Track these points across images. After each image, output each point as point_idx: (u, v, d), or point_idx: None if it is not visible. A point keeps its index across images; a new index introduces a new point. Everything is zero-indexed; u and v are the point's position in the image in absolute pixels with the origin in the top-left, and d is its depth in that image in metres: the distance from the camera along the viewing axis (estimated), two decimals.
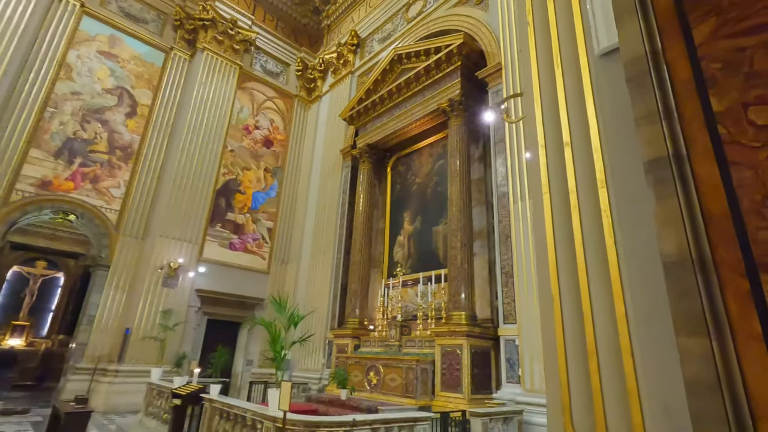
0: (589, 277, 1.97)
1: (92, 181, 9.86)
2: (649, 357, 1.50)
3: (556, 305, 2.06)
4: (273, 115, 13.14)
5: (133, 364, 9.00)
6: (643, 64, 1.18)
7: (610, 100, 1.75)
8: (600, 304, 1.88)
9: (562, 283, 2.07)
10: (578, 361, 1.90)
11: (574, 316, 1.96)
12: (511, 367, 6.30)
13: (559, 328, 2.02)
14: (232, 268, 11.17)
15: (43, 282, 16.39)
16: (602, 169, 1.98)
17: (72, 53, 10.07)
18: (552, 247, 2.14)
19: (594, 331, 1.89)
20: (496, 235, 7.12)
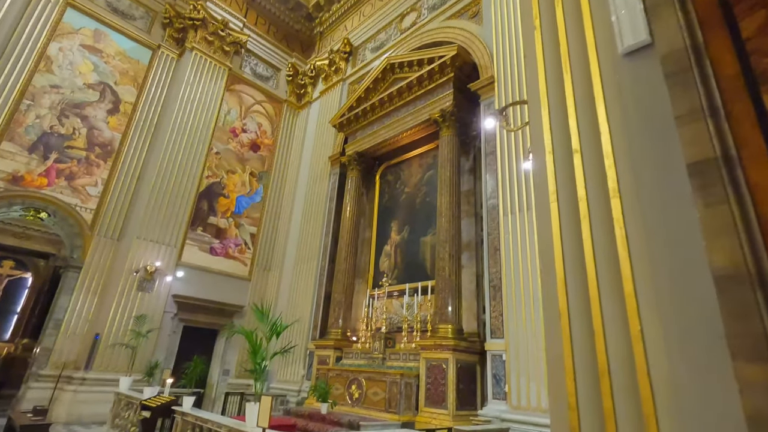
0: (600, 291, 1.85)
1: (68, 178, 9.44)
2: (681, 382, 1.37)
3: (563, 321, 1.93)
4: (261, 119, 12.92)
5: (101, 372, 8.53)
6: (683, 59, 1.08)
7: (636, 101, 1.64)
8: (613, 320, 1.76)
9: (570, 297, 1.95)
10: (589, 381, 1.77)
11: (584, 333, 1.84)
12: (497, 383, 6.15)
13: (567, 346, 1.89)
14: (212, 274, 10.80)
15: (9, 282, 15.57)
16: (614, 177, 1.88)
17: (53, 45, 9.72)
18: (560, 258, 2.02)
19: (606, 350, 1.76)
20: (485, 247, 7.03)
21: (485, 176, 7.45)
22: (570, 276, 1.97)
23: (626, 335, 1.70)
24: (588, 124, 2.09)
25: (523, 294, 6.02)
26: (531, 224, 6.19)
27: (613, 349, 1.74)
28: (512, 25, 7.60)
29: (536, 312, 5.80)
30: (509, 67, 7.33)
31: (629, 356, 1.68)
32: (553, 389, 1.97)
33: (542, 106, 2.41)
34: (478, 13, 8.89)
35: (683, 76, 1.09)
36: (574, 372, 1.85)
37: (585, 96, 2.15)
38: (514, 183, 6.61)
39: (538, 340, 5.64)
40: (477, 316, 7.25)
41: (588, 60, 2.19)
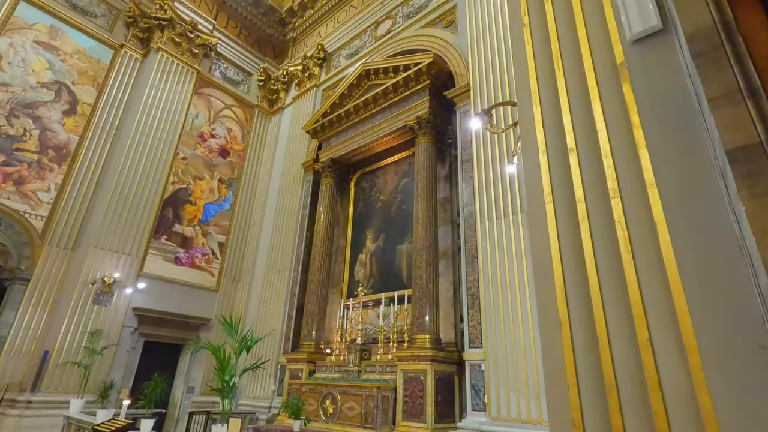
0: (603, 298, 1.73)
1: (16, 183, 8.72)
2: (719, 393, 1.23)
3: (564, 330, 1.79)
4: (231, 123, 12.50)
5: (49, 393, 7.81)
6: (713, 36, 0.98)
7: (651, 88, 1.54)
8: (618, 329, 1.63)
9: (571, 304, 1.82)
10: (595, 395, 1.63)
11: (588, 343, 1.70)
12: (476, 393, 6.02)
13: (569, 357, 1.75)
14: (177, 285, 10.21)
15: None
16: (614, 177, 1.77)
17: (3, 41, 9.04)
18: (558, 263, 1.89)
19: (612, 361, 1.63)
20: (462, 255, 6.95)
21: (461, 184, 7.41)
22: (570, 282, 1.84)
23: (634, 345, 1.57)
24: (583, 123, 1.99)
25: (502, 302, 5.95)
26: (509, 231, 6.16)
27: (620, 360, 1.61)
28: (488, 33, 7.67)
29: (515, 320, 5.72)
30: (485, 74, 7.36)
31: (638, 367, 1.55)
32: (553, 404, 1.81)
33: (534, 104, 2.30)
34: (454, 22, 8.95)
35: (714, 54, 0.99)
36: (578, 386, 1.71)
37: (579, 93, 2.05)
38: (491, 190, 6.59)
39: (517, 349, 5.56)
40: (455, 325, 7.13)
41: (581, 56, 2.11)
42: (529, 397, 5.28)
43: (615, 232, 1.73)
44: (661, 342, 1.51)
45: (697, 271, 1.31)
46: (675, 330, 1.45)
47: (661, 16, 1.33)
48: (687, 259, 1.28)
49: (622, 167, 1.75)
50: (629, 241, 1.67)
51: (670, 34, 1.34)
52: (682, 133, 1.33)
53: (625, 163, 1.75)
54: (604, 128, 1.87)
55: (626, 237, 1.68)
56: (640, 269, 1.62)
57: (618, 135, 1.81)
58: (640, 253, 1.62)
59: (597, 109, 1.93)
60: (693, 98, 1.24)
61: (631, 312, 1.62)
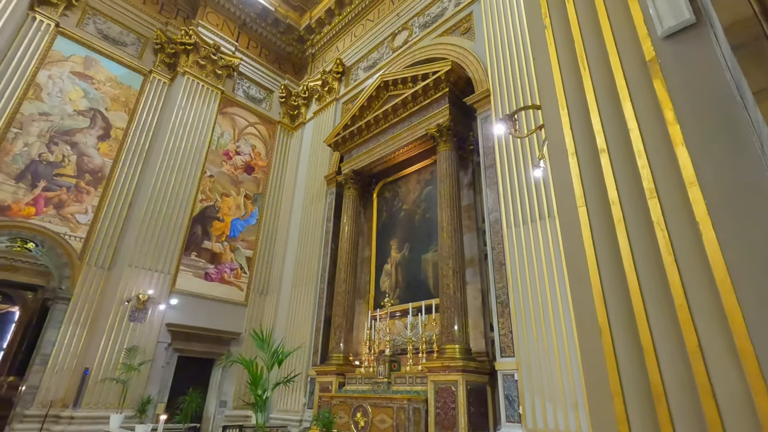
0: (645, 302, 1.66)
1: (56, 207, 9.17)
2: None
3: (605, 338, 1.72)
4: (255, 140, 12.81)
5: (90, 409, 8.06)
6: (753, 27, 0.94)
7: (687, 83, 1.48)
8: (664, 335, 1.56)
9: (611, 310, 1.75)
10: (642, 406, 1.56)
11: (632, 350, 1.63)
12: (510, 404, 5.86)
13: (612, 365, 1.68)
14: (207, 300, 10.44)
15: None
16: (650, 177, 1.71)
17: (43, 73, 9.61)
18: (594, 268, 1.83)
19: (659, 369, 1.55)
20: (490, 262, 6.83)
21: (485, 190, 7.32)
22: (608, 287, 1.78)
23: (682, 351, 1.50)
24: (613, 122, 1.94)
25: (533, 309, 5.80)
26: (537, 236, 6.03)
27: (667, 367, 1.54)
28: (506, 37, 7.63)
29: (548, 327, 5.56)
30: (505, 79, 7.31)
31: (688, 375, 1.48)
32: (597, 416, 1.74)
33: (560, 106, 2.25)
34: (470, 29, 8.95)
35: (756, 46, 0.94)
36: (623, 396, 1.64)
37: (608, 92, 2.00)
38: (516, 195, 6.48)
39: (551, 357, 5.39)
40: (484, 334, 6.99)
41: (608, 54, 2.06)
42: (566, 407, 5.09)
43: (654, 234, 1.66)
44: (712, 347, 1.43)
45: (747, 271, 1.25)
46: (726, 334, 1.38)
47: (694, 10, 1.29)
48: (736, 259, 1.22)
49: (658, 166, 1.69)
50: (670, 242, 1.60)
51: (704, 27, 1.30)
52: (723, 128, 1.28)
53: (661, 162, 1.69)
54: (636, 127, 1.81)
55: (666, 238, 1.61)
56: (683, 271, 1.55)
57: (651, 133, 1.75)
58: (683, 255, 1.55)
59: (627, 108, 1.88)
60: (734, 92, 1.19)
61: (677, 316, 1.55)
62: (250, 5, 13.13)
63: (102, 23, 10.93)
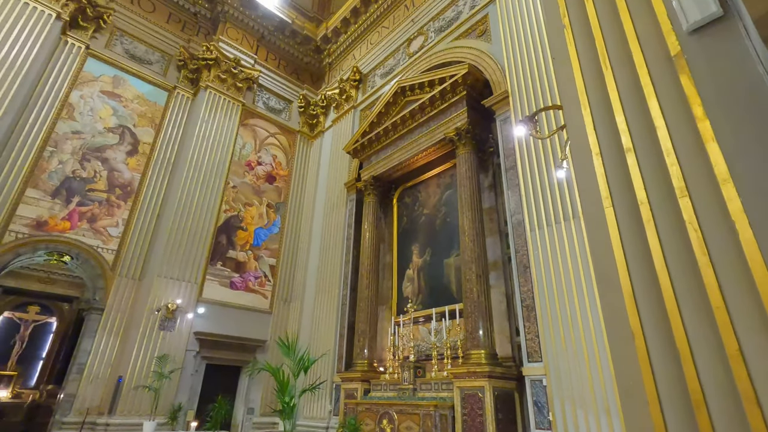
0: (680, 305, 1.60)
1: (89, 221, 9.55)
2: None
3: (638, 343, 1.67)
4: (275, 150, 13.06)
5: (124, 416, 8.31)
6: None
7: (716, 78, 1.44)
8: (702, 339, 1.50)
9: (643, 314, 1.69)
10: (681, 414, 1.50)
11: (667, 355, 1.58)
12: (539, 411, 5.72)
13: (647, 372, 1.62)
14: (233, 309, 10.64)
15: (34, 328, 15.70)
16: (680, 175, 1.66)
17: (75, 93, 10.07)
18: (624, 270, 1.78)
19: (698, 375, 1.50)
20: (514, 265, 6.73)
21: (507, 192, 7.23)
22: (639, 290, 1.73)
23: (721, 355, 1.44)
24: (639, 120, 1.89)
25: (560, 312, 5.66)
26: (562, 238, 5.90)
27: (706, 373, 1.48)
28: (523, 38, 7.55)
29: (576, 331, 5.42)
30: (523, 80, 7.23)
31: (729, 380, 1.41)
32: (632, 423, 1.69)
33: (582, 106, 2.22)
34: (486, 31, 8.90)
35: None
36: (660, 403, 1.58)
37: (632, 90, 1.96)
38: (539, 196, 6.37)
39: (581, 361, 5.25)
40: (510, 338, 6.87)
41: (631, 51, 2.02)
42: (598, 413, 4.94)
43: (687, 234, 1.61)
44: (753, 351, 1.38)
45: None
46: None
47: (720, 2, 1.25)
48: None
49: (688, 164, 1.64)
50: (704, 242, 1.55)
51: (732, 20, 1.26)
52: (756, 122, 1.23)
53: (691, 159, 1.64)
54: (663, 124, 1.76)
55: (700, 238, 1.56)
56: (719, 272, 1.50)
57: (680, 130, 1.70)
58: (719, 255, 1.50)
59: (653, 105, 1.83)
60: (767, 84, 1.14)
61: (714, 319, 1.49)
62: (268, 18, 13.43)
63: (128, 43, 11.39)
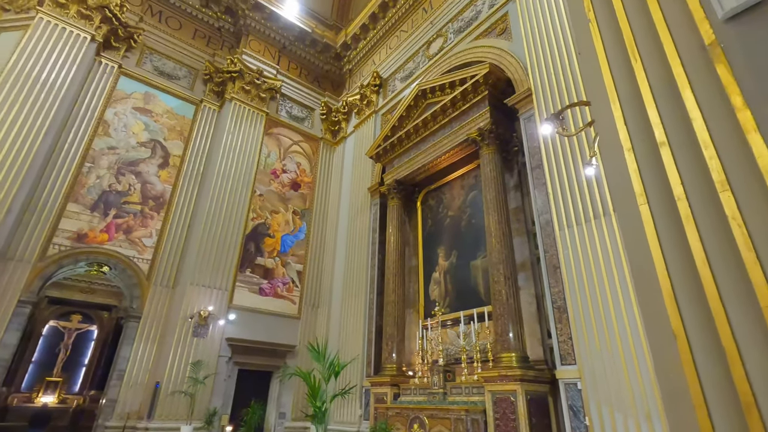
0: (725, 304, 1.53)
1: (125, 232, 9.96)
2: None
3: (681, 344, 1.61)
4: (299, 158, 13.28)
5: (162, 420, 8.58)
6: None
7: (755, 66, 1.38)
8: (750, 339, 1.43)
9: (685, 314, 1.63)
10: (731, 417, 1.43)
11: (713, 357, 1.51)
12: (575, 415, 5.56)
13: (691, 375, 1.56)
14: (263, 315, 10.85)
15: (77, 336, 16.47)
16: (719, 168, 1.58)
17: (109, 111, 10.55)
18: (663, 269, 1.72)
19: (748, 378, 1.42)
20: (543, 266, 6.58)
21: (533, 191, 7.10)
22: (680, 288, 1.66)
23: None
24: (673, 113, 1.83)
25: (593, 313, 5.50)
26: (593, 237, 5.74)
27: (756, 374, 1.41)
28: (544, 34, 7.42)
29: (611, 332, 5.25)
30: (546, 77, 7.09)
31: None
32: (678, 429, 1.62)
33: (611, 101, 2.16)
34: (507, 29, 8.80)
35: None
36: (707, 406, 1.52)
37: (664, 82, 1.90)
38: (567, 195, 6.22)
39: (617, 364, 5.07)
40: (542, 341, 6.71)
41: (661, 42, 1.95)
42: (638, 418, 4.76)
43: (729, 230, 1.54)
44: None
45: None
46: None
47: None
48: None
49: (729, 156, 1.57)
50: (749, 237, 1.48)
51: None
52: None
53: (731, 151, 1.57)
54: (699, 116, 1.70)
55: (745, 234, 1.49)
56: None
57: (718, 121, 1.64)
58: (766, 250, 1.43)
59: (688, 97, 1.76)
60: None
61: (764, 318, 1.42)
62: (289, 29, 13.71)
63: (157, 60, 11.86)
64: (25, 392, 14.78)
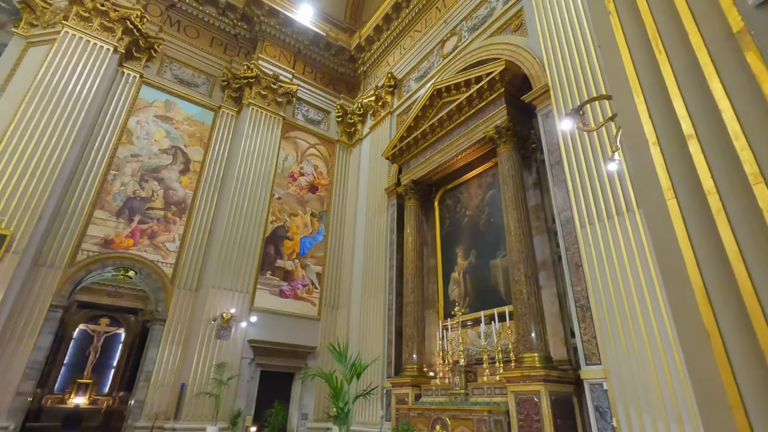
0: (761, 300, 1.47)
1: (149, 237, 10.22)
2: None
3: (714, 342, 1.55)
4: (316, 161, 13.39)
5: (189, 421, 8.76)
6: None
7: None
8: None
9: (718, 310, 1.58)
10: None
11: (750, 355, 1.46)
12: (601, 416, 5.43)
13: (727, 374, 1.51)
14: (284, 316, 10.97)
15: (105, 339, 16.99)
16: (752, 160, 1.53)
17: (132, 119, 10.86)
18: (693, 264, 1.67)
19: None
20: (564, 264, 6.46)
21: (553, 189, 6.98)
22: (712, 285, 1.61)
23: None
24: (701, 104, 1.77)
25: (618, 312, 5.37)
26: (615, 233, 5.61)
27: None
28: (561, 29, 7.29)
29: (637, 331, 5.11)
30: (564, 72, 6.97)
31: None
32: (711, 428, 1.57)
33: (634, 94, 2.11)
34: (522, 25, 8.69)
35: None
36: (744, 407, 1.46)
37: (690, 72, 1.84)
38: (588, 191, 6.09)
39: (645, 363, 4.94)
40: (565, 340, 6.59)
41: (686, 30, 1.90)
42: (667, 419, 4.62)
43: (764, 223, 1.48)
44: None
45: None
46: None
47: None
48: None
49: (762, 147, 1.52)
50: None
51: None
52: None
53: (764, 141, 1.52)
54: (728, 106, 1.64)
55: None
56: None
57: (749, 111, 1.59)
58: None
59: (716, 87, 1.71)
60: None
61: None
62: (303, 33, 13.86)
63: (177, 69, 12.14)
64: (58, 393, 15.33)
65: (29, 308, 8.25)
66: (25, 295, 8.22)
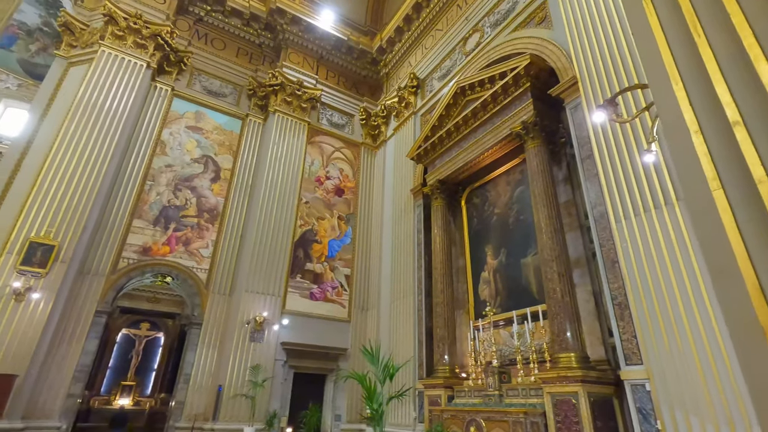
0: None
1: (184, 244, 10.59)
2: None
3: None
4: (342, 164, 13.52)
5: (226, 422, 9.00)
6: None
7: None
8: None
9: None
10: None
11: None
12: (645, 419, 5.22)
13: None
14: (314, 319, 11.12)
15: (146, 343, 17.70)
16: None
17: (165, 131, 11.30)
18: (745, 258, 1.58)
19: None
20: (599, 261, 6.25)
21: (585, 183, 6.77)
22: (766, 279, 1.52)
23: None
24: (747, 88, 1.68)
25: (659, 309, 5.14)
26: (653, 227, 5.38)
27: None
28: (588, 18, 7.06)
29: (681, 329, 4.88)
30: (593, 63, 6.75)
31: None
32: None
33: (673, 82, 2.02)
34: (546, 17, 8.49)
35: None
36: None
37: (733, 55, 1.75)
38: (622, 185, 5.87)
39: (690, 363, 4.70)
40: (602, 340, 6.37)
41: (728, 11, 1.80)
42: (717, 422, 4.38)
43: None
44: None
45: None
46: None
47: None
48: None
49: None
50: None
51: None
52: None
53: None
54: None
55: None
56: None
57: None
58: None
59: (763, 70, 1.62)
60: None
61: None
62: (325, 39, 14.04)
63: (206, 80, 12.56)
64: (104, 395, 16.09)
65: (77, 314, 8.70)
66: (72, 302, 8.68)
